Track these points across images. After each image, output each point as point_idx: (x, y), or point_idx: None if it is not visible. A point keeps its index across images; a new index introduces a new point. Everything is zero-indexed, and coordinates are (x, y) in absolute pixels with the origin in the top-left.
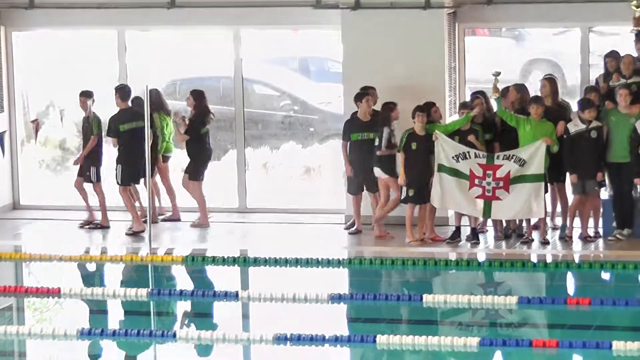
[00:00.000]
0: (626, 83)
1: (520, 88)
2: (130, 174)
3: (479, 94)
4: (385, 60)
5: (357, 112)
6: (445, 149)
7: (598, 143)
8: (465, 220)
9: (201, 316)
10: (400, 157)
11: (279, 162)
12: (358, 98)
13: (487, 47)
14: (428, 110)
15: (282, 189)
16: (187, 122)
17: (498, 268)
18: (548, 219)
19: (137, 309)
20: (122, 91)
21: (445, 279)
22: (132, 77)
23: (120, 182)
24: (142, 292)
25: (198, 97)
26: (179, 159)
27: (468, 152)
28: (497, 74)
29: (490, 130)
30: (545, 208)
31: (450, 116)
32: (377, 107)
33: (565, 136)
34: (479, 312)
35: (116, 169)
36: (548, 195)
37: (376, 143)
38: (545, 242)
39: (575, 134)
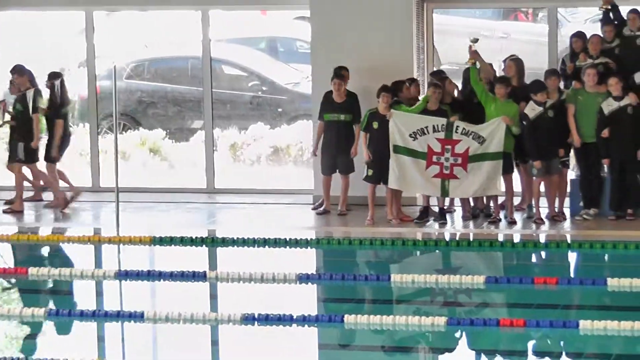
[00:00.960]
0: (593, 63)
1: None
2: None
3: (437, 80)
4: (354, 40)
5: (331, 91)
6: (400, 128)
7: (557, 121)
8: (433, 200)
9: (169, 296)
10: (362, 137)
11: (248, 143)
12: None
13: (529, 32)
14: (396, 90)
15: (250, 170)
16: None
17: (466, 248)
18: (517, 199)
19: (105, 289)
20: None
21: (413, 258)
22: (100, 57)
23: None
24: (110, 273)
25: (53, 78)
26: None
27: (426, 127)
28: (475, 40)
29: (459, 109)
30: (511, 188)
31: (420, 95)
32: (351, 87)
33: (524, 122)
34: (447, 292)
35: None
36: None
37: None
38: (512, 222)
39: (534, 117)
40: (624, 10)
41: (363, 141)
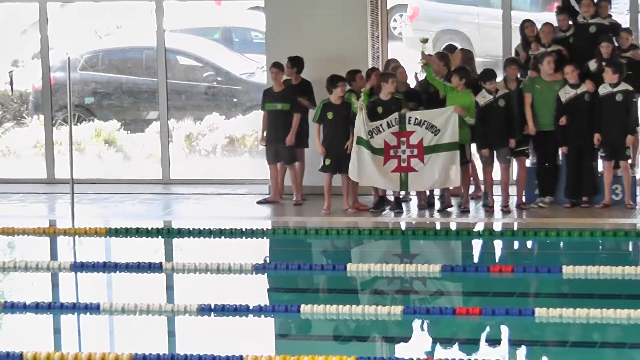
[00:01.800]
0: (546, 51)
1: (444, 56)
2: None
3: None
4: (308, 30)
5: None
6: (365, 123)
7: (507, 110)
8: (389, 190)
9: (125, 288)
10: (315, 128)
11: (203, 133)
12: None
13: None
14: (350, 80)
15: (205, 160)
16: None
17: (421, 237)
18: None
19: (61, 281)
20: None
21: (369, 248)
22: (54, 48)
23: None
24: (66, 264)
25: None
26: None
27: (381, 125)
28: (425, 40)
29: (413, 99)
30: (469, 178)
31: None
32: (306, 77)
33: (476, 110)
34: (403, 281)
35: None
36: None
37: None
38: (465, 211)
39: (484, 105)
40: None
41: (317, 133)
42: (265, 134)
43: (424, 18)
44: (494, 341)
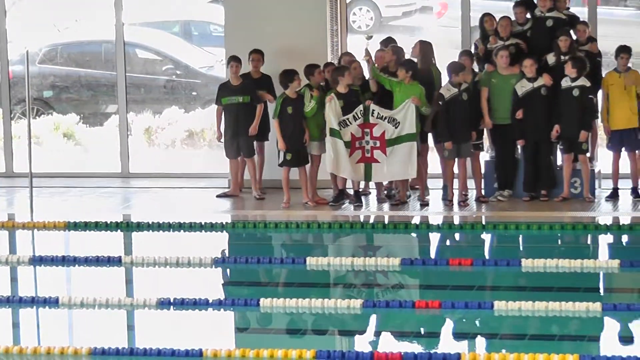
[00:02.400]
0: (504, 45)
1: (396, 50)
2: None
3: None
4: (268, 23)
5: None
6: (336, 113)
7: (470, 104)
8: (348, 183)
9: (84, 282)
10: (275, 124)
11: (162, 127)
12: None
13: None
14: (308, 74)
15: (165, 154)
16: None
17: (381, 230)
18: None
19: (19, 275)
20: None
21: (329, 241)
22: (12, 42)
23: None
24: (24, 258)
25: None
26: None
27: (347, 118)
28: (369, 37)
29: (368, 91)
30: (424, 169)
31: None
32: (265, 70)
33: (440, 102)
34: (363, 274)
35: None
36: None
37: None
38: (424, 204)
39: (449, 98)
40: None
41: (277, 129)
42: (222, 130)
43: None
44: (453, 334)
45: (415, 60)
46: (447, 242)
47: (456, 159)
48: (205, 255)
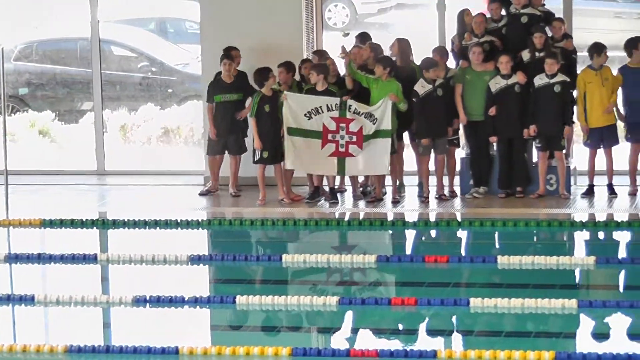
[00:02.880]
0: (478, 42)
1: (374, 47)
2: None
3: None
4: (243, 20)
5: (220, 72)
6: (293, 110)
7: (445, 100)
8: (324, 180)
9: (60, 279)
10: (252, 123)
11: (137, 124)
12: (220, 59)
13: None
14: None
15: (140, 151)
16: None
17: (357, 227)
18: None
19: None
20: None
21: (305, 238)
22: None
23: None
24: (0, 256)
25: None
26: None
27: (320, 106)
28: (346, 34)
29: (344, 87)
30: (399, 167)
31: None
32: (241, 68)
33: (414, 99)
34: (338, 272)
35: None
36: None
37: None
38: (395, 202)
39: (423, 94)
40: None
41: (254, 127)
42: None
43: None
44: (429, 331)
45: (394, 57)
46: (423, 239)
47: (433, 156)
48: (181, 252)
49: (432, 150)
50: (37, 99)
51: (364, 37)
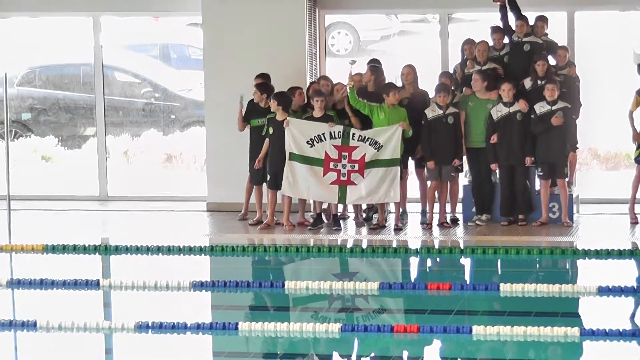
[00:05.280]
0: (480, 69)
1: (375, 70)
2: None
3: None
4: (246, 46)
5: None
6: (295, 136)
7: (455, 129)
8: (324, 205)
9: (62, 305)
10: (265, 142)
11: (140, 150)
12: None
13: None
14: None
15: (143, 177)
16: None
17: (359, 254)
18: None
19: None
20: None
21: (307, 265)
22: None
23: None
24: (2, 281)
25: None
26: None
27: (323, 134)
28: (353, 62)
29: (346, 116)
30: (403, 194)
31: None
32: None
33: (423, 122)
34: (341, 298)
35: None
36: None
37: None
38: (397, 229)
39: (432, 119)
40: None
41: (264, 148)
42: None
43: None
44: (432, 359)
45: (407, 85)
46: (426, 266)
47: (435, 182)
48: (184, 279)
49: (438, 177)
50: (40, 124)
51: (374, 65)
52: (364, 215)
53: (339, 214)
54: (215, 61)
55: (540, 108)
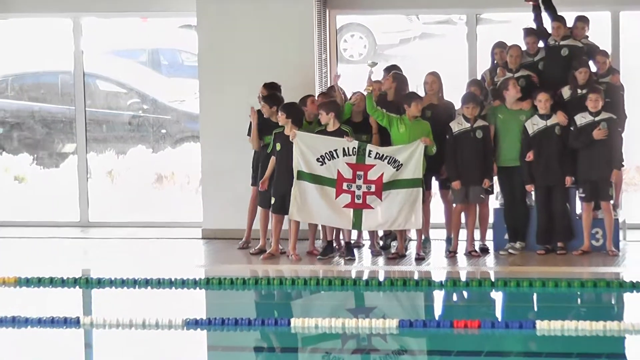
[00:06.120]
0: (513, 77)
1: (398, 77)
2: None
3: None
4: (247, 51)
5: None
6: (304, 152)
7: (484, 144)
8: (337, 231)
9: (37, 346)
10: (270, 162)
11: (127, 169)
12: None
13: None
14: (300, 105)
15: (129, 200)
16: None
17: (376, 287)
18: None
19: None
20: None
21: (317, 300)
22: None
23: None
24: None
25: None
26: None
27: (336, 150)
28: (373, 64)
29: (367, 130)
30: (426, 219)
31: None
32: (244, 103)
33: (447, 137)
34: (355, 338)
35: None
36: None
37: None
38: (419, 258)
39: (458, 133)
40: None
41: (270, 167)
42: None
43: None
44: None
45: (428, 94)
46: (452, 301)
47: (461, 206)
48: (176, 316)
49: (465, 199)
50: (12, 140)
51: (398, 73)
52: (381, 243)
53: (352, 241)
54: (211, 68)
55: (582, 119)
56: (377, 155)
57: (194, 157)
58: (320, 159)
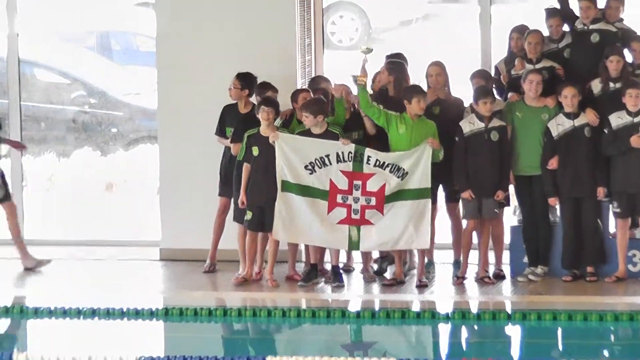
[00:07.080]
0: (534, 69)
1: (395, 69)
2: None
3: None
4: (215, 34)
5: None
6: (289, 158)
7: (501, 148)
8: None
9: None
10: (244, 170)
11: (70, 176)
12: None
13: None
14: (291, 101)
15: (72, 213)
16: None
17: (369, 319)
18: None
19: None
20: None
21: (298, 334)
22: None
23: None
24: None
25: None
26: None
27: (328, 155)
28: (368, 50)
29: (358, 126)
30: (432, 238)
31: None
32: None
33: (457, 138)
34: None
35: None
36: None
37: None
38: (422, 285)
39: (470, 134)
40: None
41: (244, 177)
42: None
43: None
44: None
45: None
46: (460, 337)
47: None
48: (128, 352)
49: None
50: None
51: (393, 61)
52: (375, 266)
53: (341, 264)
54: (172, 55)
55: (618, 120)
56: (378, 162)
57: (151, 161)
58: (310, 167)
